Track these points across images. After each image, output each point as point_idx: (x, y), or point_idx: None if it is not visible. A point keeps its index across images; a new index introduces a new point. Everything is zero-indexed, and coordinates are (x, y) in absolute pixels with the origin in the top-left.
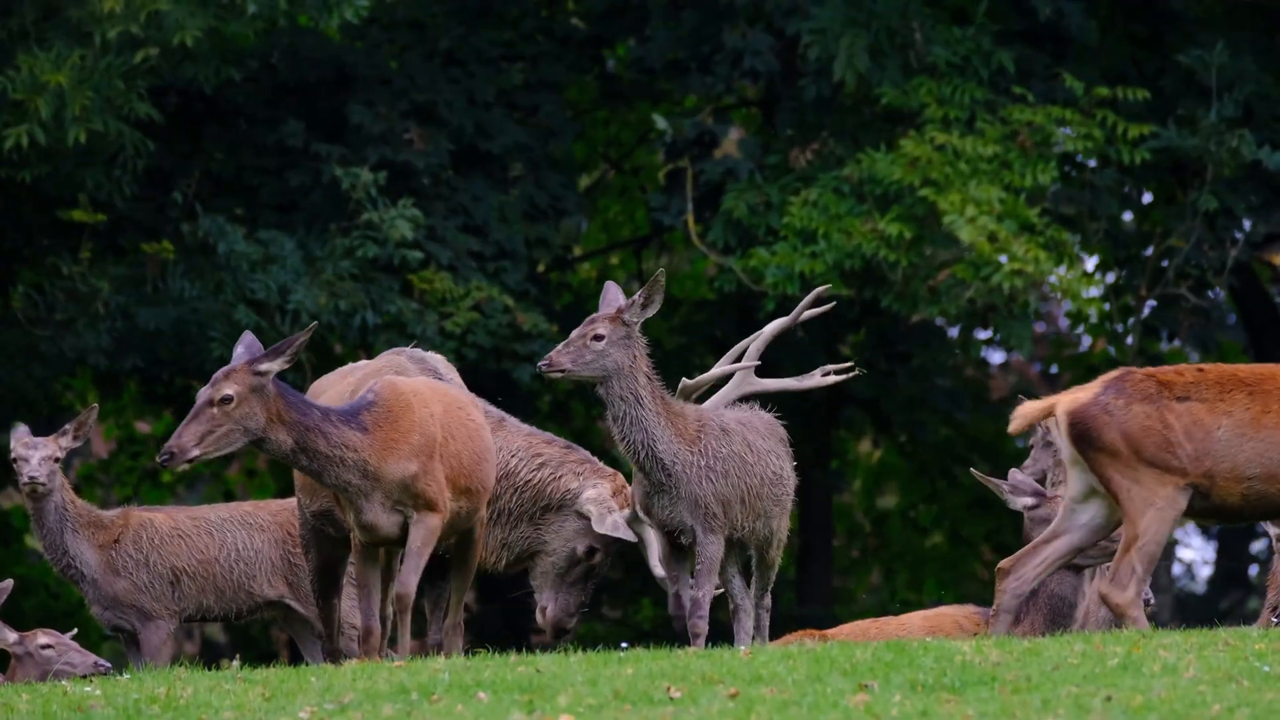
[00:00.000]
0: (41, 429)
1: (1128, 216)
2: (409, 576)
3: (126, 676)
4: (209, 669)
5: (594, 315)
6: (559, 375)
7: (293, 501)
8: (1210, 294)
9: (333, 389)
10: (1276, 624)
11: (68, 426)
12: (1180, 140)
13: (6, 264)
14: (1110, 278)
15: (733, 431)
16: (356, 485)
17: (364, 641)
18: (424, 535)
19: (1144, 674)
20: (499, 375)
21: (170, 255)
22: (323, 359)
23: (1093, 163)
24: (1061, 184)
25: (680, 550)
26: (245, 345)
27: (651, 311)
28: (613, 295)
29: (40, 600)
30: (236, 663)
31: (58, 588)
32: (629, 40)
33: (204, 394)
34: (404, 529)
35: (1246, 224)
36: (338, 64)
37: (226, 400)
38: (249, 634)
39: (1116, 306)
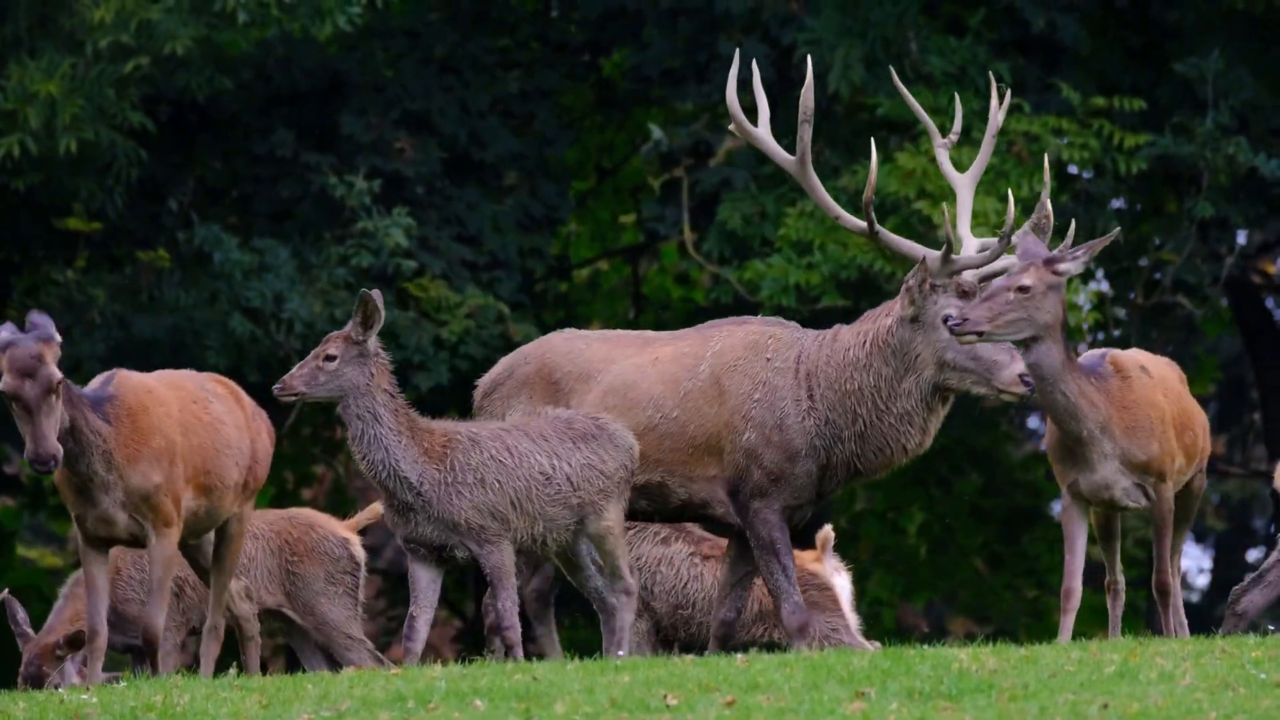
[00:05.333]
0: None
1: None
2: (155, 614)
3: (123, 684)
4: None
5: (329, 335)
6: (293, 398)
7: (290, 510)
8: (1197, 311)
9: (628, 359)
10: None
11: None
12: (1176, 148)
13: (1, 273)
14: (1105, 286)
15: (484, 440)
16: (102, 478)
17: (90, 643)
18: (163, 565)
19: (1141, 681)
20: None
21: (165, 264)
22: None
23: (1088, 174)
24: (1055, 194)
25: (434, 570)
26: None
27: (374, 329)
28: None
29: (36, 609)
30: (233, 670)
31: (52, 594)
32: (625, 48)
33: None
34: (139, 530)
35: (1241, 236)
36: (332, 72)
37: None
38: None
39: (1110, 316)
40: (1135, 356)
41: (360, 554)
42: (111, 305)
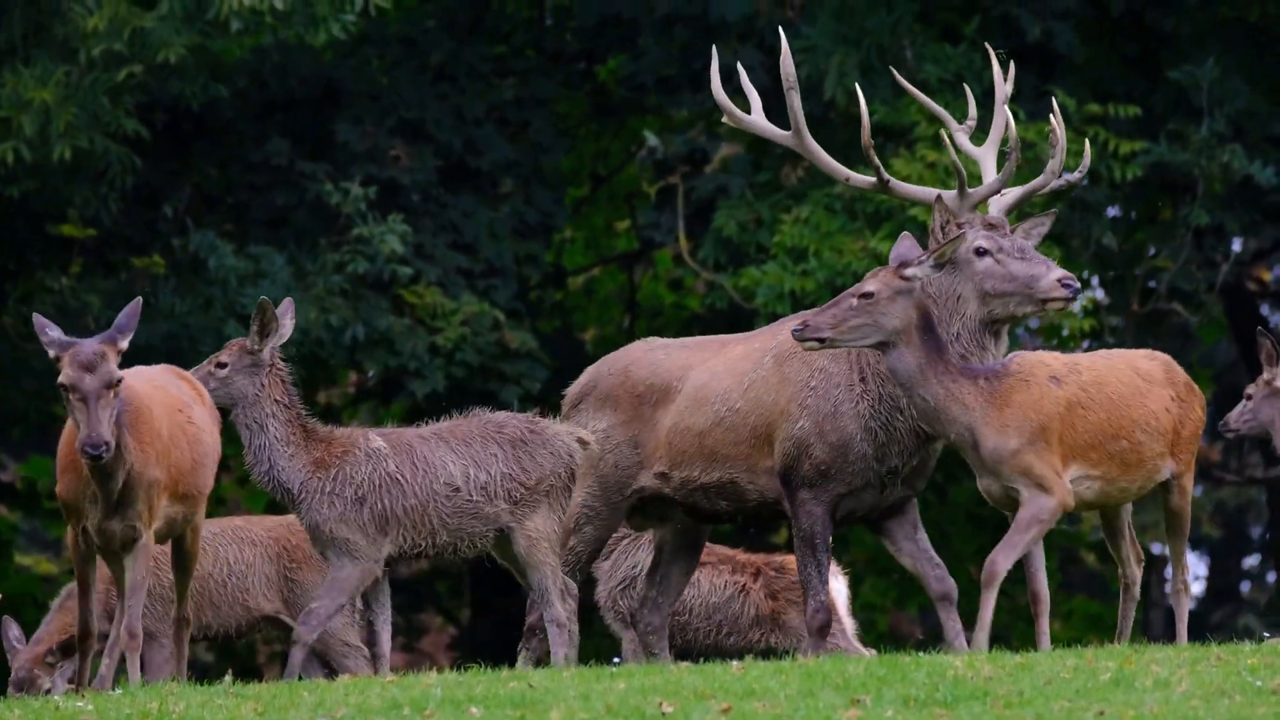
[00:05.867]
0: (33, 442)
1: (1109, 241)
2: (136, 615)
3: (119, 691)
4: (200, 684)
5: (229, 342)
6: None
7: (288, 517)
8: (1192, 318)
9: (705, 363)
10: None
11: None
12: (1171, 155)
13: None
14: (1100, 293)
15: (386, 453)
16: (116, 485)
17: (82, 643)
18: (146, 564)
19: (1136, 689)
20: (485, 395)
21: (160, 270)
22: (313, 373)
23: (1085, 181)
24: (1048, 202)
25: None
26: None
27: (272, 340)
28: None
29: (30, 616)
30: (228, 678)
31: (46, 601)
32: (620, 56)
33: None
34: (131, 534)
35: (1236, 243)
36: (327, 80)
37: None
38: (234, 651)
39: (1105, 324)
40: (1044, 360)
41: None
42: (106, 312)
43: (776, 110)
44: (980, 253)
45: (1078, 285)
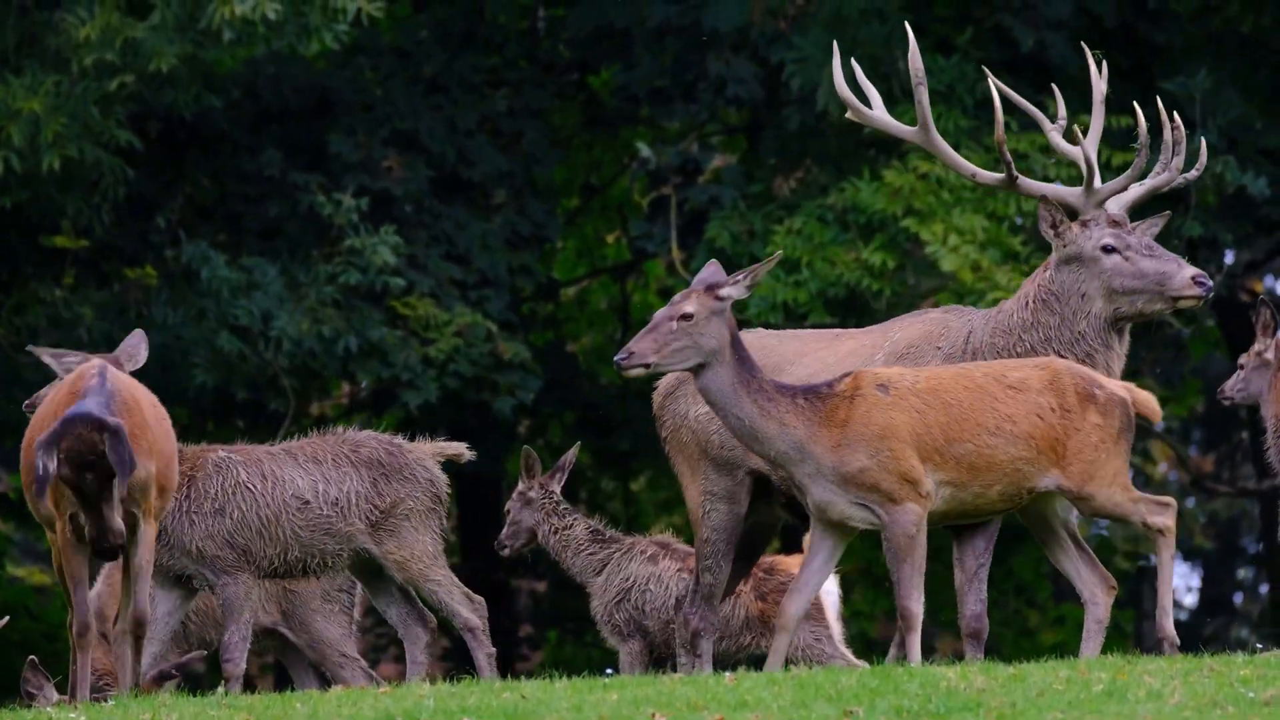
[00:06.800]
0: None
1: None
2: (144, 598)
3: (110, 703)
4: (192, 695)
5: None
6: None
7: None
8: (1185, 330)
9: (816, 354)
10: None
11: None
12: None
13: None
14: None
15: (235, 465)
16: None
17: (80, 637)
18: (150, 549)
19: (1129, 700)
20: (478, 406)
21: (153, 281)
22: (306, 385)
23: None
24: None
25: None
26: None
27: (132, 366)
28: None
29: (22, 625)
30: (222, 689)
31: (39, 611)
32: (613, 67)
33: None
34: (129, 525)
35: (1229, 256)
36: (320, 91)
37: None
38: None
39: None
40: (872, 372)
41: None
42: (99, 323)
43: (766, 126)
44: (1108, 250)
45: (1210, 284)
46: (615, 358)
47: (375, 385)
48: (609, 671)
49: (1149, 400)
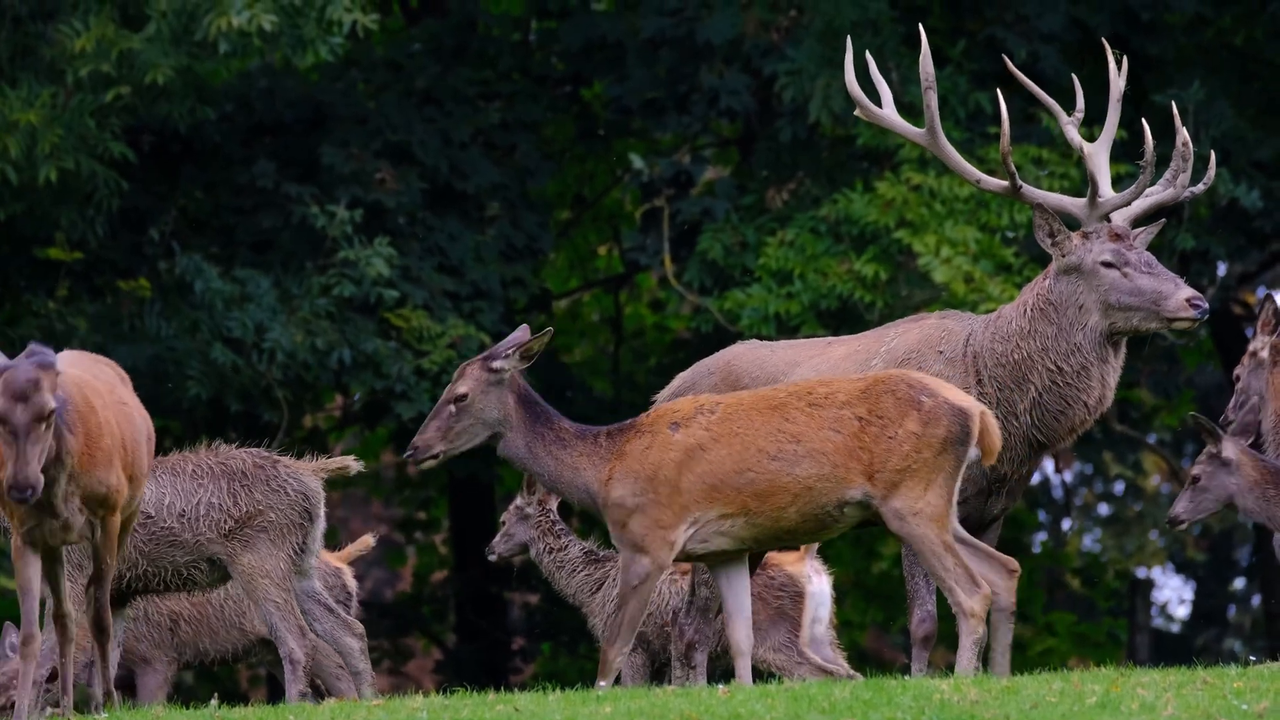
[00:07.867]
0: None
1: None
2: (106, 593)
3: (104, 716)
4: (185, 707)
5: None
6: None
7: None
8: (1178, 342)
9: (810, 361)
10: None
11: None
12: (1157, 179)
13: None
14: None
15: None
16: (64, 489)
17: (25, 646)
18: (114, 533)
19: (1122, 712)
20: None
21: (146, 294)
22: (299, 396)
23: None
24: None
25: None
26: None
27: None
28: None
29: None
30: (215, 701)
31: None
32: (606, 79)
33: None
34: (91, 529)
35: (1221, 268)
36: (314, 103)
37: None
38: (214, 674)
39: None
40: (676, 407)
41: (353, 584)
42: (93, 335)
43: (759, 138)
44: (1107, 265)
45: (1206, 306)
46: (404, 454)
47: (368, 397)
48: (602, 685)
49: (991, 429)
